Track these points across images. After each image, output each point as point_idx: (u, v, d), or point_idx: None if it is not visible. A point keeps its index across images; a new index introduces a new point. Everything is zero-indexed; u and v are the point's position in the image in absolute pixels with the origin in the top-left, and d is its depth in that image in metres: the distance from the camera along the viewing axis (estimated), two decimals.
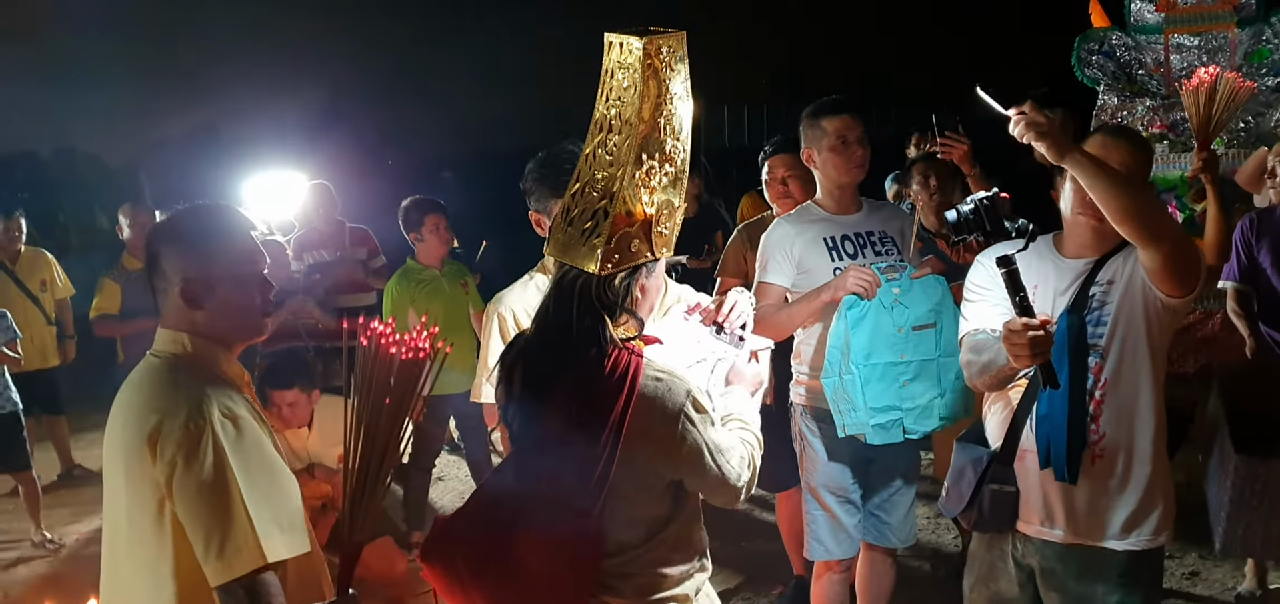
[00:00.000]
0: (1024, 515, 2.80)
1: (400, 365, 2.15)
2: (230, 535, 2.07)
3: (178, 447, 2.08)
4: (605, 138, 2.12)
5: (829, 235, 3.78)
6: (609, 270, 2.13)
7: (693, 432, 2.19)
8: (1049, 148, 2.46)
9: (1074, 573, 2.73)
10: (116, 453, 2.18)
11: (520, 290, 3.11)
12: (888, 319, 3.57)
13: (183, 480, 2.07)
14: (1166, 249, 2.51)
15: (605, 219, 2.10)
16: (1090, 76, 6.45)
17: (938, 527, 5.77)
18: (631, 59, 2.07)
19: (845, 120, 3.70)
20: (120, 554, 2.20)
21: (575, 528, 2.14)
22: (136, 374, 2.25)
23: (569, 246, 2.16)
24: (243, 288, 2.29)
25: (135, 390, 2.20)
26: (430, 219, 6.08)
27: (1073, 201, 2.72)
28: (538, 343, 2.26)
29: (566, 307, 2.19)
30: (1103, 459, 2.70)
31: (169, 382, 2.18)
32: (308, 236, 6.93)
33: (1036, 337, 2.50)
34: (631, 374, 2.15)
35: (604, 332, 2.17)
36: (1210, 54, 6.15)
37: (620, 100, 2.09)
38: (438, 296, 6.05)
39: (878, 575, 3.95)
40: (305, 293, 6.51)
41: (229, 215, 2.36)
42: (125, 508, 2.16)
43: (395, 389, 2.16)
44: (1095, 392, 2.69)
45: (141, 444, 2.09)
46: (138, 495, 2.13)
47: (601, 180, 2.12)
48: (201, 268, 2.24)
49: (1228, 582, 4.86)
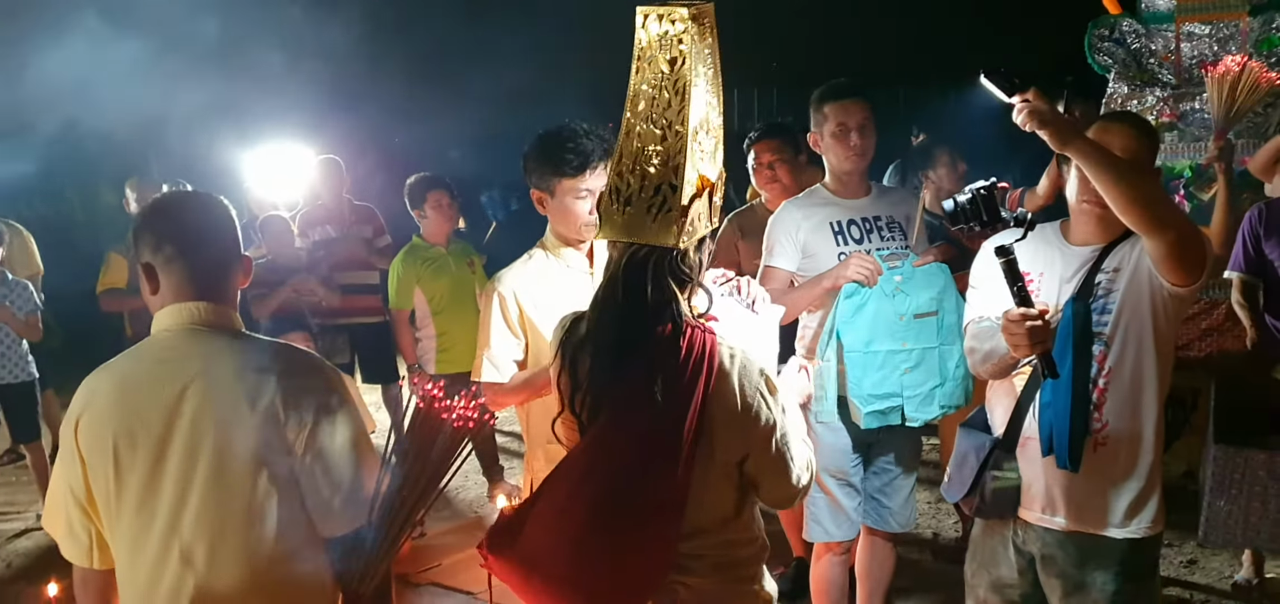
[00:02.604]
0: (1025, 502, 2.81)
1: (450, 432, 2.23)
2: (365, 481, 2.19)
3: (315, 401, 2.16)
4: (650, 111, 2.11)
5: (836, 220, 3.78)
6: (685, 243, 2.14)
7: (766, 409, 2.19)
8: (1052, 135, 2.46)
9: (1074, 560, 2.74)
10: (197, 423, 2.13)
11: (520, 269, 3.11)
12: (889, 306, 3.57)
13: (322, 434, 2.16)
14: (1171, 237, 2.50)
15: (674, 192, 2.09)
16: (1101, 63, 6.43)
17: (938, 511, 5.79)
18: (676, 30, 2.07)
19: (845, 106, 3.69)
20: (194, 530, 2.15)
21: (655, 512, 2.15)
22: (194, 344, 2.19)
23: (634, 225, 2.14)
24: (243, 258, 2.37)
25: (213, 360, 2.17)
26: (433, 195, 6.09)
27: (1077, 189, 2.72)
28: (607, 326, 2.20)
29: (639, 286, 2.16)
30: (1105, 448, 2.70)
31: (261, 344, 2.25)
32: (314, 212, 6.93)
33: (1034, 326, 2.52)
34: (710, 350, 2.15)
35: (679, 308, 2.17)
36: (1221, 43, 6.12)
37: (664, 72, 2.09)
38: (444, 275, 6.06)
39: (878, 560, 3.97)
40: (308, 270, 6.52)
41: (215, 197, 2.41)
42: (220, 480, 2.13)
43: (436, 453, 2.24)
44: (1099, 380, 2.69)
45: (264, 407, 2.12)
46: (242, 464, 2.12)
47: (656, 154, 2.10)
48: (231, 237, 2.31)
49: (1225, 570, 4.89)
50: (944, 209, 3.14)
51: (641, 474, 2.14)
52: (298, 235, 6.83)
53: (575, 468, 2.22)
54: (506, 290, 3.06)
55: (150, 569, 2.18)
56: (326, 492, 2.16)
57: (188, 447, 2.13)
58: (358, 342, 6.79)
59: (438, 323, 6.04)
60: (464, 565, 5.38)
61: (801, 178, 4.58)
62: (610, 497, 2.15)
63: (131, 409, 2.17)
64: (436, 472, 2.25)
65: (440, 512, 6.20)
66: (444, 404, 2.23)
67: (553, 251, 3.13)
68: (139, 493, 2.17)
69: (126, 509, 2.18)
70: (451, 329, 6.04)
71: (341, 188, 6.95)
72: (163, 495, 2.15)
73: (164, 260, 2.23)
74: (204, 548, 2.15)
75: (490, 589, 2.71)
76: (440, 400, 2.24)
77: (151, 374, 2.19)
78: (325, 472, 2.16)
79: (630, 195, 2.14)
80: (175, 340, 2.22)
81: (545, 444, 3.07)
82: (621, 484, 2.15)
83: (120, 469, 2.17)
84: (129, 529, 2.19)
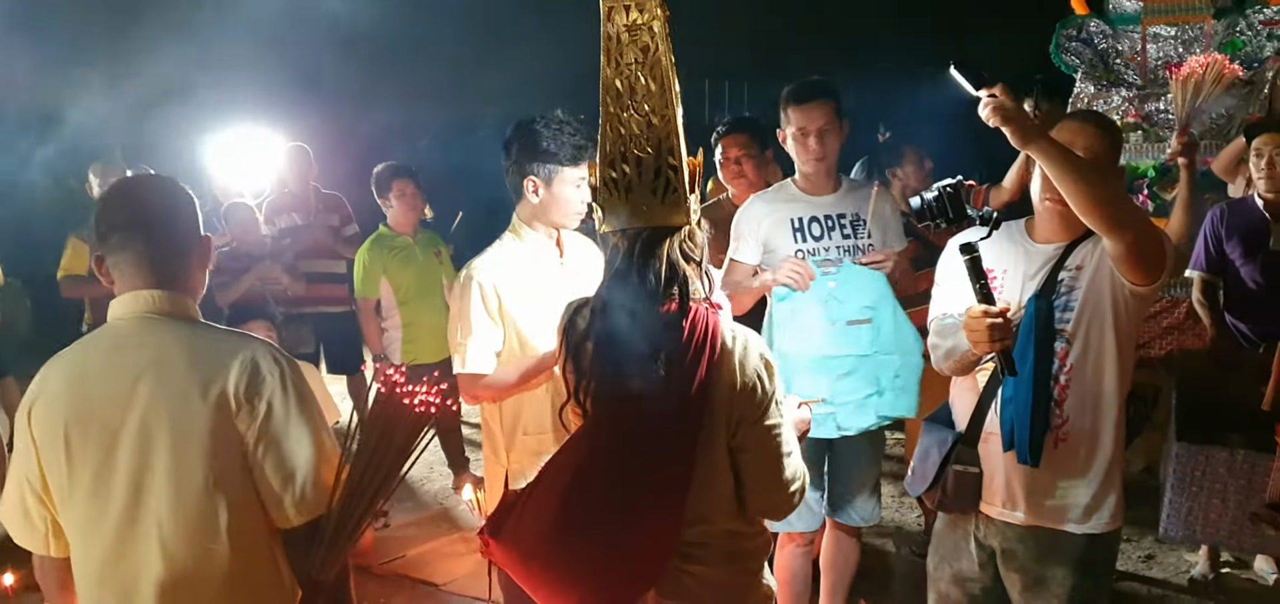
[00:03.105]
0: (987, 497, 2.83)
1: (412, 418, 2.22)
2: (321, 473, 2.15)
3: (267, 391, 2.11)
4: (630, 100, 2.15)
5: (798, 216, 3.79)
6: (693, 220, 2.19)
7: (763, 388, 2.21)
8: (1014, 132, 2.47)
9: (1034, 555, 2.76)
10: (147, 412, 2.10)
11: (495, 258, 3.10)
12: (822, 312, 3.58)
13: (276, 425, 2.11)
14: (1130, 237, 2.52)
15: (676, 174, 2.15)
16: (1069, 63, 6.47)
17: (902, 505, 5.83)
18: (645, 18, 2.12)
19: (805, 110, 3.71)
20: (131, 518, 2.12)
21: (659, 495, 2.16)
22: (145, 334, 2.16)
23: (642, 210, 2.18)
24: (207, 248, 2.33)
25: (166, 348, 2.13)
26: (397, 184, 6.05)
27: (1040, 187, 2.74)
28: (617, 313, 2.21)
29: (649, 268, 2.18)
30: (1066, 444, 2.72)
31: (215, 333, 2.21)
32: (280, 200, 6.87)
33: (995, 324, 2.55)
34: (713, 329, 2.18)
35: (688, 288, 2.20)
36: (1186, 45, 6.18)
37: (639, 60, 2.13)
38: (410, 265, 6.02)
39: (842, 553, 3.99)
40: (273, 258, 6.46)
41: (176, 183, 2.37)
42: (158, 467, 2.10)
43: (398, 440, 2.22)
44: (1060, 377, 2.71)
45: (215, 396, 2.08)
46: (192, 456, 2.09)
47: (648, 140, 2.15)
48: (190, 223, 2.27)
49: (1182, 566, 4.95)
50: (910, 206, 3.15)
51: (645, 456, 2.15)
52: (264, 222, 6.77)
53: (579, 451, 2.23)
54: (486, 280, 3.04)
55: (102, 558, 2.16)
56: (278, 484, 2.13)
57: (139, 437, 2.11)
58: (323, 331, 6.74)
59: (403, 313, 6.01)
60: (428, 557, 5.37)
61: (767, 174, 4.59)
62: (614, 480, 2.16)
63: (83, 398, 2.14)
64: (398, 458, 2.23)
65: (404, 503, 6.18)
66: (406, 390, 2.22)
67: (523, 239, 3.12)
68: (90, 482, 2.14)
69: (79, 498, 2.16)
70: (417, 319, 6.01)
71: (309, 175, 6.88)
72: (114, 485, 2.13)
73: (114, 247, 2.19)
74: (155, 539, 2.12)
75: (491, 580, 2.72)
76: (403, 387, 2.22)
77: (103, 364, 2.17)
78: (278, 463, 2.13)
79: (629, 183, 2.17)
80: (129, 328, 2.18)
81: (520, 435, 3.07)
82: (627, 467, 2.16)
83: (72, 457, 2.14)
84: (81, 518, 2.17)
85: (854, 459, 3.83)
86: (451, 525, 5.93)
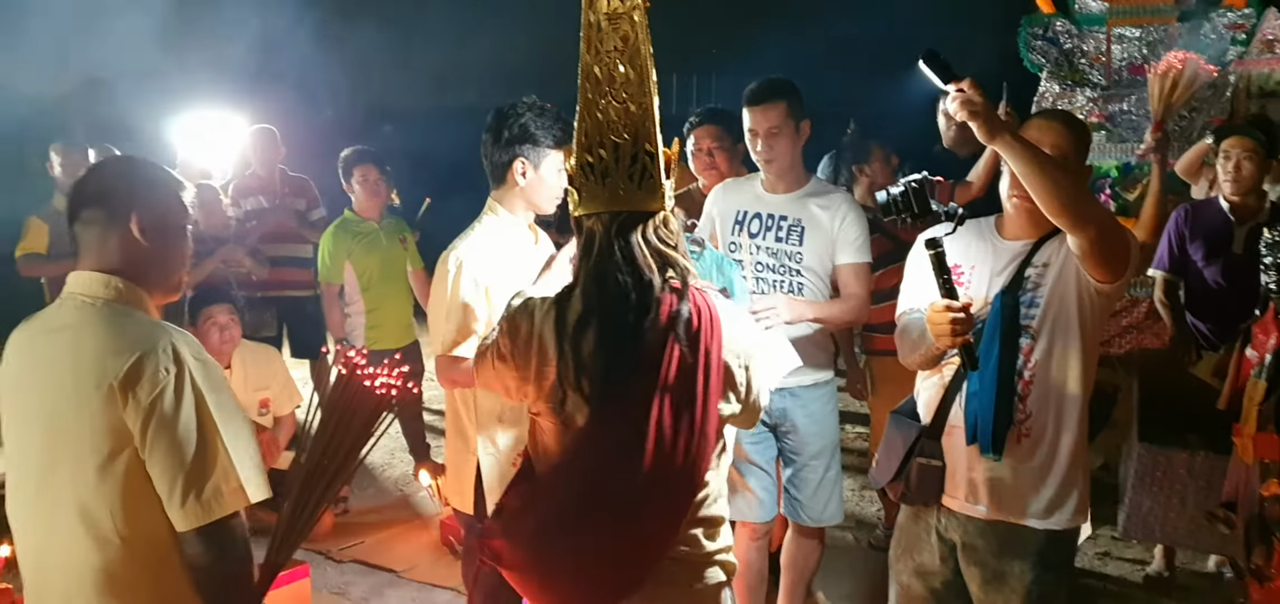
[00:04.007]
0: (949, 490, 2.84)
1: (373, 401, 2.18)
2: (211, 477, 2.04)
3: (156, 388, 2.01)
4: (609, 87, 2.16)
5: (743, 210, 3.84)
6: (668, 206, 2.21)
7: (757, 341, 2.33)
8: (980, 127, 2.48)
9: (994, 549, 2.78)
10: (57, 398, 2.07)
11: (477, 241, 3.09)
12: None
13: (162, 423, 2.01)
14: (1092, 233, 2.54)
15: (652, 160, 2.17)
16: (1035, 61, 6.53)
17: (862, 499, 5.86)
18: (626, 8, 2.14)
19: (753, 112, 3.74)
20: (47, 506, 2.11)
21: (677, 474, 2.16)
22: (70, 317, 2.13)
23: (618, 195, 2.18)
24: (181, 239, 2.27)
25: (80, 334, 2.09)
26: (360, 169, 6.00)
27: (1008, 184, 2.75)
28: (609, 302, 2.19)
29: (637, 255, 2.18)
30: (1028, 439, 2.74)
31: (127, 323, 2.11)
32: (246, 182, 6.80)
33: (957, 319, 2.57)
34: (711, 306, 2.21)
35: (682, 270, 2.22)
36: (1151, 46, 6.25)
37: (618, 48, 2.15)
38: (375, 250, 5.98)
39: (802, 551, 4.00)
40: (237, 240, 6.40)
41: (166, 169, 2.33)
42: (63, 455, 2.07)
43: (358, 422, 2.19)
44: (1025, 372, 2.73)
45: (107, 388, 2.01)
46: (88, 442, 2.04)
47: (625, 126, 2.16)
48: (157, 211, 2.20)
49: (1138, 563, 5.00)
50: (877, 201, 3.16)
51: (662, 440, 2.14)
52: (230, 205, 6.70)
53: (589, 443, 2.20)
54: (470, 263, 3.03)
55: (21, 543, 2.19)
56: (164, 486, 2.03)
57: (49, 424, 2.09)
58: (286, 314, 6.69)
59: (367, 298, 5.95)
60: (387, 543, 5.34)
61: (738, 166, 4.60)
62: (631, 467, 2.14)
63: (14, 377, 2.16)
64: (358, 442, 2.21)
65: (365, 489, 6.15)
66: (368, 373, 2.19)
67: (502, 222, 3.12)
68: (14, 465, 2.16)
69: (10, 475, 2.18)
70: (380, 305, 5.97)
71: (275, 158, 6.81)
72: (30, 469, 2.13)
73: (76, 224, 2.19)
74: (65, 531, 2.09)
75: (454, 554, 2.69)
76: (364, 370, 2.20)
77: (32, 345, 2.17)
78: (162, 464, 2.03)
79: (606, 168, 2.18)
80: (62, 310, 2.16)
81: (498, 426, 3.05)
82: (645, 456, 2.13)
83: (5, 433, 2.17)
84: (11, 498, 2.19)
85: (799, 450, 3.83)
86: (411, 512, 5.90)
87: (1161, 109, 4.57)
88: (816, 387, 3.82)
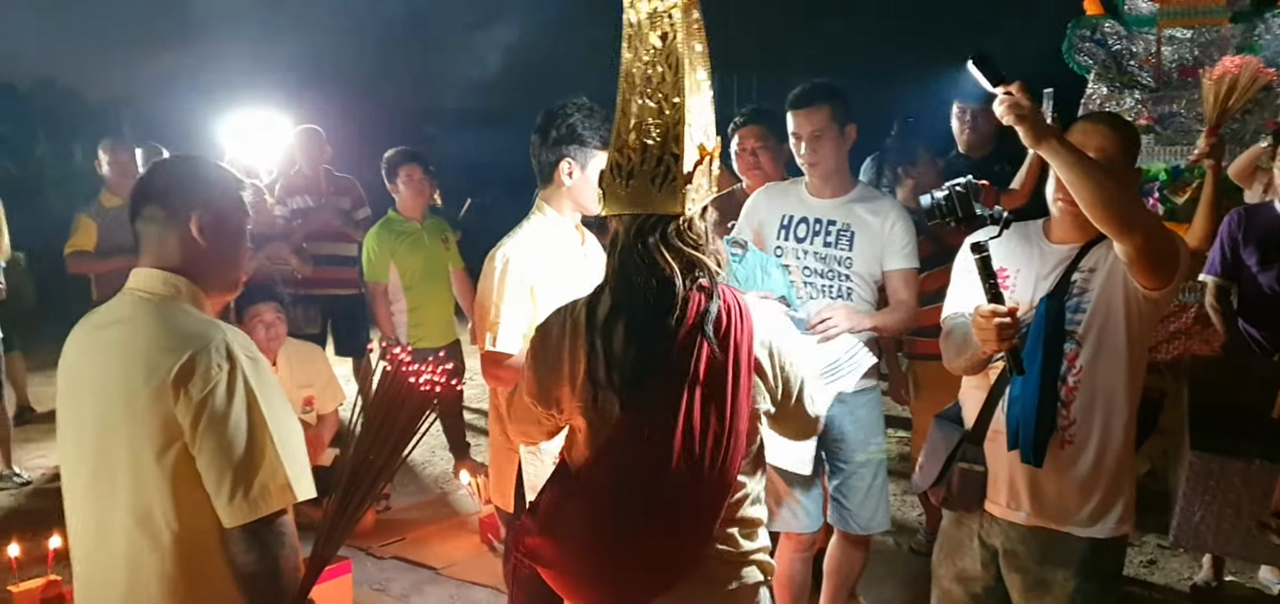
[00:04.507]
0: (991, 495, 2.81)
1: (418, 397, 2.21)
2: (259, 475, 2.06)
3: (209, 384, 2.04)
4: (645, 86, 2.15)
5: (789, 214, 3.81)
6: (691, 211, 2.18)
7: (791, 361, 2.30)
8: (1026, 131, 2.46)
9: (1035, 556, 2.75)
10: (111, 393, 2.10)
11: (525, 239, 3.12)
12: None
13: (213, 419, 2.04)
14: (1138, 239, 2.50)
15: (676, 162, 2.14)
16: (1081, 64, 6.44)
17: (903, 503, 5.82)
18: (665, 6, 2.13)
19: (798, 116, 3.71)
20: (99, 499, 2.13)
21: (707, 471, 2.15)
22: (127, 312, 2.17)
23: (639, 197, 2.17)
24: (241, 239, 2.30)
25: (136, 329, 2.13)
26: (404, 169, 6.06)
27: (1053, 187, 2.73)
28: (634, 301, 2.20)
29: (651, 256, 2.17)
30: (1072, 446, 2.71)
31: (182, 319, 2.14)
32: (292, 181, 6.88)
33: (1002, 323, 2.53)
34: (741, 305, 2.21)
35: (708, 272, 2.21)
36: (1202, 48, 6.14)
37: (656, 47, 2.14)
38: (418, 250, 6.02)
39: (847, 559, 3.96)
40: (283, 238, 6.46)
41: (228, 169, 2.36)
42: (117, 449, 2.09)
43: (403, 419, 2.21)
44: (1069, 378, 2.70)
45: (159, 383, 2.03)
46: (140, 437, 2.06)
47: (655, 127, 2.15)
48: (216, 211, 2.23)
49: (1184, 572, 4.93)
50: (921, 205, 3.13)
51: (691, 437, 2.14)
52: (275, 203, 6.78)
53: (621, 440, 2.20)
54: (518, 260, 3.06)
55: (78, 536, 2.21)
56: (212, 481, 2.05)
57: (103, 418, 2.12)
58: (331, 312, 6.75)
59: (409, 297, 6.00)
60: (427, 540, 5.38)
61: (782, 169, 4.58)
62: (659, 464, 2.14)
63: (73, 372, 2.20)
64: (403, 438, 2.22)
65: (406, 487, 6.19)
66: (413, 370, 2.21)
67: (549, 221, 3.14)
68: (70, 458, 2.19)
69: (65, 468, 2.22)
70: (422, 304, 6.01)
71: (321, 158, 6.89)
72: (80, 467, 2.16)
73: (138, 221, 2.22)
74: (114, 524, 2.12)
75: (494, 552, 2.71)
76: (409, 365, 2.22)
77: (92, 340, 2.20)
78: (211, 459, 2.05)
79: (632, 169, 2.17)
80: (120, 305, 2.20)
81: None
82: (674, 450, 2.13)
83: (61, 427, 2.21)
84: (66, 491, 2.22)
85: (845, 458, 3.79)
86: (451, 510, 5.94)
87: (1217, 114, 4.49)
88: (863, 393, 3.76)
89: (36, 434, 7.45)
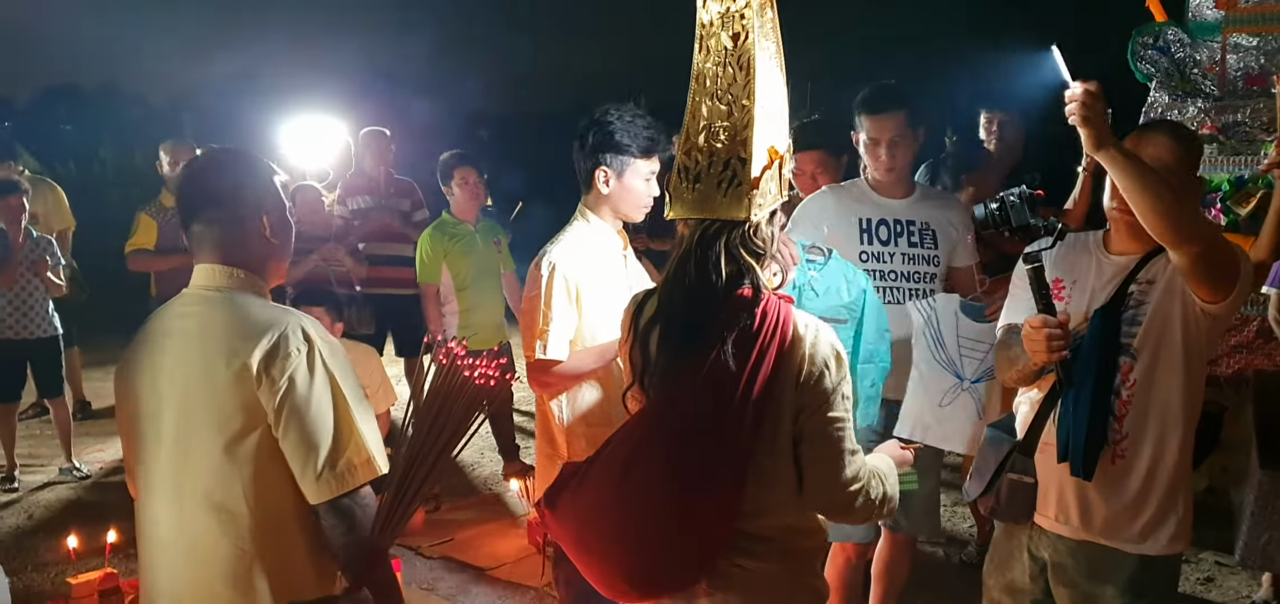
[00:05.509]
0: (1040, 507, 2.77)
1: (473, 391, 2.25)
2: (345, 451, 2.14)
3: (291, 365, 2.11)
4: (716, 87, 2.14)
5: (866, 216, 3.75)
6: (757, 217, 2.16)
7: (831, 376, 2.16)
8: (1089, 134, 2.42)
9: (1084, 570, 2.70)
10: (190, 383, 2.16)
11: (570, 245, 3.12)
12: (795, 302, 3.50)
13: (297, 399, 2.11)
14: (1195, 251, 2.45)
15: (743, 166, 2.11)
16: (1144, 71, 6.33)
17: (954, 515, 5.76)
18: (738, 6, 2.10)
19: (876, 121, 3.69)
20: (175, 487, 2.18)
21: (717, 482, 2.14)
22: (198, 306, 2.23)
23: (705, 201, 2.16)
24: (292, 232, 2.38)
25: (211, 321, 2.19)
26: (459, 172, 6.12)
27: (1109, 196, 2.69)
28: (679, 301, 2.21)
29: (712, 261, 2.16)
30: (1123, 460, 2.66)
31: (256, 306, 2.21)
32: (353, 182, 7.00)
33: (1053, 335, 2.51)
34: (784, 319, 2.16)
35: (757, 279, 2.18)
36: (1268, 56, 6.01)
37: (728, 48, 2.12)
38: (471, 253, 6.07)
39: (896, 561, 3.93)
40: (339, 239, 6.56)
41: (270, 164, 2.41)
42: (194, 435, 2.15)
43: (458, 411, 2.25)
44: (1122, 391, 2.65)
45: (240, 366, 2.10)
46: (218, 423, 2.13)
47: (724, 129, 2.13)
48: (279, 207, 2.31)
49: (1243, 591, 4.82)
50: (975, 214, 3.10)
51: (704, 444, 2.13)
52: (336, 203, 6.90)
53: (639, 430, 2.22)
54: (564, 267, 3.06)
55: (153, 519, 2.24)
56: (299, 460, 2.13)
57: (180, 408, 2.17)
58: (388, 313, 6.83)
59: (461, 299, 6.05)
60: (475, 541, 5.41)
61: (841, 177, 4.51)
62: (673, 461, 2.14)
63: (144, 368, 2.24)
64: (457, 431, 2.26)
65: (455, 488, 6.23)
66: (468, 364, 2.25)
67: (592, 227, 3.15)
68: (142, 453, 2.23)
69: (136, 464, 2.26)
70: (474, 306, 6.06)
71: (386, 160, 7.01)
72: (155, 458, 2.20)
73: (189, 220, 2.27)
74: (192, 506, 2.17)
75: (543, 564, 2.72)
76: (463, 359, 2.26)
77: (160, 335, 2.25)
78: (298, 439, 2.12)
79: (700, 172, 2.16)
80: (187, 301, 2.27)
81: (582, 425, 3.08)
82: (685, 453, 2.14)
83: (128, 423, 2.26)
84: (139, 483, 2.27)
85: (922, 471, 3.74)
86: (500, 511, 5.97)
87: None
88: None
89: (95, 429, 7.61)
